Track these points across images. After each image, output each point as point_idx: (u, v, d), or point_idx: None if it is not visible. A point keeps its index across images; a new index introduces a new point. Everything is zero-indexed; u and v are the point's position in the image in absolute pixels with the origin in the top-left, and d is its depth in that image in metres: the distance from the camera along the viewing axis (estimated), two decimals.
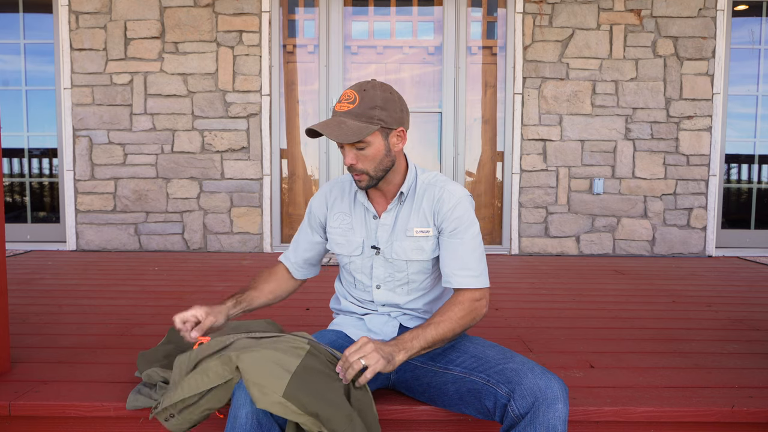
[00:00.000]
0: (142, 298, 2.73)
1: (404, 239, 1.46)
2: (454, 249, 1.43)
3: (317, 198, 1.61)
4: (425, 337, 1.31)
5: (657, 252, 4.21)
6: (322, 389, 1.19)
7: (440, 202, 1.44)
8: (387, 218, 1.48)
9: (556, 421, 1.18)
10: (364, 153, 1.38)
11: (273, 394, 1.16)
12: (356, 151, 1.38)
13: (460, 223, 1.43)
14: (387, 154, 1.41)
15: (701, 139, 4.17)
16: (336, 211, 1.55)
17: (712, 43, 4.11)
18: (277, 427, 1.20)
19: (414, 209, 1.47)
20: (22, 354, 1.88)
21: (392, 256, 1.47)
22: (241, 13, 4.07)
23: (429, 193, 1.46)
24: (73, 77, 4.10)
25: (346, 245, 1.52)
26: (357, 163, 1.39)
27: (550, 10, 4.09)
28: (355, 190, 1.53)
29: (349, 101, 1.36)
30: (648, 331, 2.25)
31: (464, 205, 1.44)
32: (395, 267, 1.48)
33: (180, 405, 1.29)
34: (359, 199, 1.51)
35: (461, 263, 1.42)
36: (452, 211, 1.43)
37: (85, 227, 4.18)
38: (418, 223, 1.46)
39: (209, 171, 4.16)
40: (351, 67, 4.31)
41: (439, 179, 1.49)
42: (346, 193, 1.55)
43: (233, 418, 1.19)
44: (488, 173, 4.36)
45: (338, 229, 1.54)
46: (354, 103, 1.35)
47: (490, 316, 2.44)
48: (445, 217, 1.43)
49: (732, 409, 1.53)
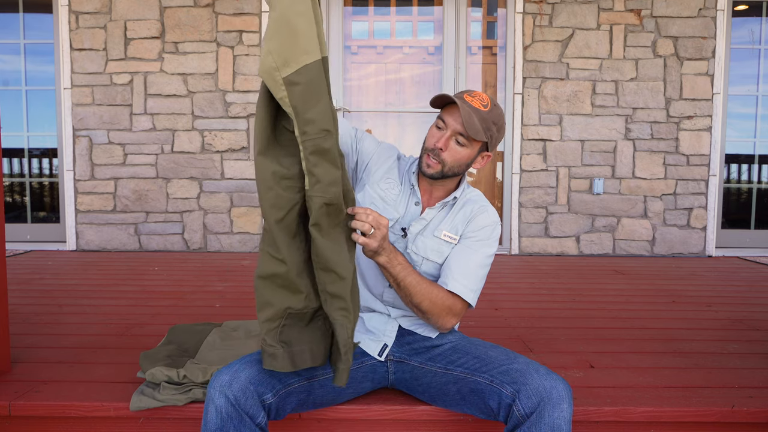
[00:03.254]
0: (142, 298, 2.73)
1: (430, 238, 1.48)
2: (464, 256, 1.45)
3: (386, 146, 1.58)
4: (404, 278, 1.35)
5: (657, 252, 4.21)
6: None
7: (475, 217, 1.49)
8: (429, 214, 1.50)
9: (561, 421, 1.19)
10: (458, 149, 1.42)
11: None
12: (454, 143, 1.42)
13: (482, 237, 1.47)
14: (467, 165, 1.46)
15: (701, 139, 4.17)
16: (387, 175, 1.54)
17: (712, 43, 4.11)
18: (248, 418, 1.21)
19: (450, 216, 1.50)
20: (22, 354, 1.88)
21: (413, 249, 1.48)
22: (241, 13, 4.07)
23: (468, 207, 1.51)
24: (73, 77, 4.10)
25: (382, 212, 1.49)
26: (445, 151, 1.42)
27: (550, 10, 4.09)
28: (413, 171, 1.53)
29: (482, 103, 1.40)
30: (648, 331, 2.25)
31: (493, 228, 1.49)
32: (411, 259, 1.48)
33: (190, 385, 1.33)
34: (411, 180, 1.52)
35: (464, 271, 1.43)
36: (482, 228, 1.48)
37: (85, 227, 4.18)
38: (448, 228, 1.48)
39: (209, 171, 4.16)
40: (351, 66, 4.31)
41: (480, 198, 1.54)
42: (403, 170, 1.56)
43: (204, 413, 1.22)
44: (488, 173, 4.36)
45: (383, 191, 1.52)
46: (486, 107, 1.40)
47: (490, 316, 2.45)
48: (475, 228, 1.47)
49: (732, 409, 1.53)
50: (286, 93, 1.13)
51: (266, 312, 1.22)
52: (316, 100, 1.14)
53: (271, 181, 1.17)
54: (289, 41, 1.12)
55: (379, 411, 1.51)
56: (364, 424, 1.54)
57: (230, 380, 1.22)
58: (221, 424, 1.19)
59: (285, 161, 1.20)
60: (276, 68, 1.12)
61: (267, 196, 1.18)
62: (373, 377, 1.49)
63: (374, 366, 1.49)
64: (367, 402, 1.52)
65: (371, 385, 1.51)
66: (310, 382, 1.34)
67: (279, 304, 1.21)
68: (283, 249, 1.19)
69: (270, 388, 1.25)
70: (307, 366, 1.25)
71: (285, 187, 1.19)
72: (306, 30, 1.12)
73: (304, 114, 1.14)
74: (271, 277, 1.20)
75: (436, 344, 1.47)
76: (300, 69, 1.12)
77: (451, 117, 1.41)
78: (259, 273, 1.21)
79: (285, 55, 1.12)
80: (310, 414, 1.51)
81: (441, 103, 1.44)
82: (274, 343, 1.21)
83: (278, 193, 1.18)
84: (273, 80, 1.13)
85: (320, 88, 1.15)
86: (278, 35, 1.12)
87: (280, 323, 1.23)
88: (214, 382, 1.23)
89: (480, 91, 1.44)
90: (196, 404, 1.51)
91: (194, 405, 1.51)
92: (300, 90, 1.13)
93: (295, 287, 1.22)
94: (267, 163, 1.18)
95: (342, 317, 1.22)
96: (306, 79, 1.13)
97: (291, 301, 1.22)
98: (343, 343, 1.22)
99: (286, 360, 1.22)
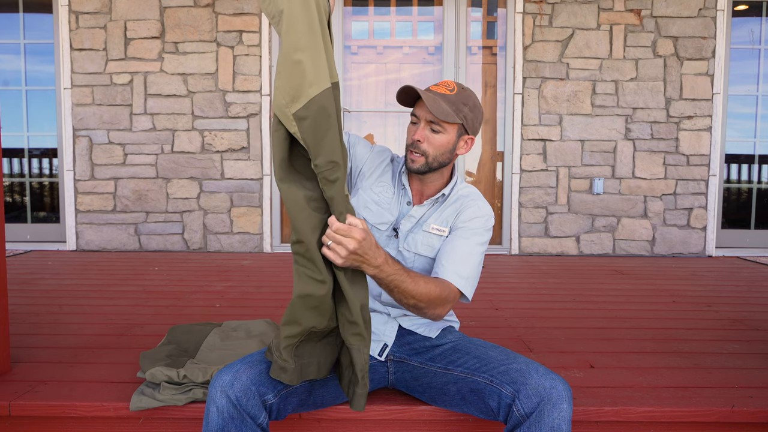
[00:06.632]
0: (142, 298, 2.73)
1: (419, 233, 1.48)
2: (453, 244, 1.43)
3: (378, 149, 1.58)
4: (399, 283, 1.27)
5: (657, 252, 4.21)
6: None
7: (465, 209, 1.48)
8: (418, 211, 1.49)
9: (561, 421, 1.19)
10: (435, 137, 1.42)
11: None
12: (429, 132, 1.42)
13: (472, 227, 1.45)
14: (450, 150, 1.45)
15: (701, 139, 4.17)
16: (380, 178, 1.54)
17: (712, 43, 4.11)
18: (249, 419, 1.21)
19: (439, 211, 1.50)
20: (22, 354, 1.88)
21: (404, 247, 1.48)
22: (241, 13, 4.07)
23: (458, 203, 1.50)
24: (73, 77, 4.10)
25: (377, 215, 1.50)
26: (423, 143, 1.42)
27: (550, 10, 4.09)
28: (401, 170, 1.53)
29: (448, 88, 1.42)
30: (648, 331, 2.25)
31: (486, 222, 1.47)
32: (404, 258, 1.48)
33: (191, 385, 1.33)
34: (402, 180, 1.52)
35: (453, 257, 1.40)
36: (471, 219, 1.46)
37: (85, 227, 4.18)
38: (437, 221, 1.48)
39: (209, 171, 4.16)
40: (351, 66, 4.31)
41: (473, 194, 1.53)
42: (395, 171, 1.56)
43: (206, 413, 1.22)
44: (488, 173, 4.36)
45: (376, 196, 1.52)
46: (452, 91, 1.42)
47: (491, 317, 2.45)
48: (465, 219, 1.47)
49: (732, 409, 1.53)
50: (297, 128, 1.15)
51: (291, 329, 1.21)
52: (325, 130, 1.16)
53: (303, 202, 1.18)
54: (295, 78, 1.13)
55: (379, 411, 1.51)
56: (364, 424, 1.54)
57: (232, 380, 1.22)
58: (223, 424, 1.19)
59: (308, 184, 1.21)
60: (285, 104, 1.15)
61: (301, 216, 1.18)
62: (373, 377, 1.49)
63: (374, 366, 1.49)
64: (368, 402, 1.51)
65: (371, 385, 1.51)
66: (311, 382, 1.34)
67: (306, 324, 1.21)
68: (323, 270, 1.19)
69: (271, 388, 1.25)
70: (311, 378, 1.27)
71: (314, 208, 1.20)
72: (311, 63, 1.13)
73: (314, 147, 1.16)
74: (307, 297, 1.20)
75: (436, 344, 1.47)
76: (307, 103, 1.14)
77: (421, 109, 1.43)
78: (298, 293, 1.20)
79: (292, 91, 1.14)
80: (310, 414, 1.52)
81: (410, 100, 1.46)
82: (288, 358, 1.22)
83: (311, 213, 1.19)
84: (285, 116, 1.15)
85: (328, 117, 1.16)
86: (284, 72, 1.14)
87: (299, 340, 1.23)
88: (215, 382, 1.23)
89: (448, 80, 1.46)
90: (196, 404, 1.51)
91: (194, 405, 1.51)
92: (308, 124, 1.15)
93: (325, 309, 1.22)
94: (293, 188, 1.19)
95: (358, 341, 1.23)
96: (313, 111, 1.14)
97: (317, 322, 1.22)
98: (360, 367, 1.24)
99: (295, 374, 1.23)
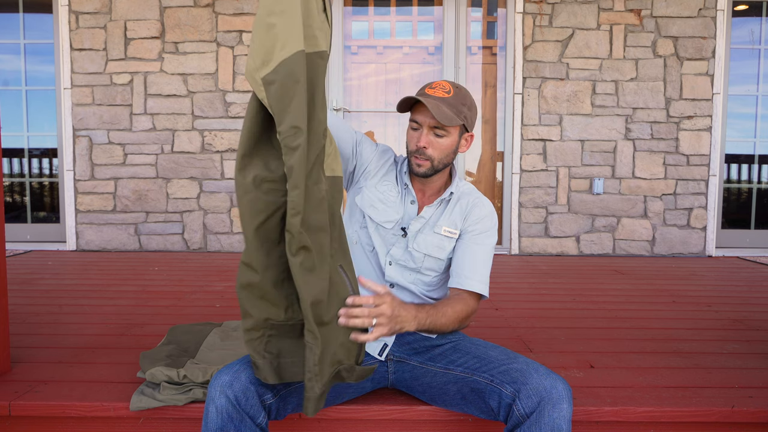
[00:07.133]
0: (142, 298, 2.73)
1: (431, 234, 1.49)
2: (473, 252, 1.47)
3: (383, 148, 1.58)
4: (435, 323, 1.34)
5: (657, 252, 4.21)
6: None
7: (473, 208, 1.51)
8: (427, 212, 1.51)
9: (561, 421, 1.19)
10: (440, 141, 1.44)
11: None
12: (433, 136, 1.43)
13: (482, 229, 1.49)
14: (454, 151, 1.48)
15: (701, 139, 4.17)
16: (385, 178, 1.54)
17: (712, 43, 4.11)
18: (248, 419, 1.21)
19: (447, 211, 1.51)
20: (22, 354, 1.88)
21: (414, 247, 1.48)
22: (241, 13, 4.07)
23: (464, 200, 1.53)
24: (73, 77, 4.10)
25: (382, 213, 1.50)
26: (428, 148, 1.43)
27: (550, 10, 4.09)
28: (404, 171, 1.54)
29: (444, 90, 1.43)
30: (648, 331, 2.25)
31: (493, 218, 1.53)
32: (412, 257, 1.49)
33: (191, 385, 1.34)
34: (404, 180, 1.53)
35: (474, 266, 1.45)
36: (482, 219, 1.50)
37: (85, 227, 4.18)
38: (447, 223, 1.50)
39: (209, 171, 4.16)
40: (351, 66, 4.31)
41: (473, 191, 1.57)
42: (396, 170, 1.57)
43: (205, 413, 1.22)
44: (488, 173, 4.36)
45: (381, 194, 1.52)
46: (449, 93, 1.43)
47: (490, 317, 2.45)
48: (474, 221, 1.49)
49: (732, 409, 1.53)
50: (264, 94, 1.10)
51: (246, 322, 1.18)
52: (291, 96, 1.09)
53: (250, 185, 1.13)
54: (267, 41, 1.09)
55: (379, 411, 1.51)
56: (364, 424, 1.54)
57: (231, 380, 1.22)
58: (222, 424, 1.19)
59: (273, 164, 1.16)
60: (255, 69, 1.11)
61: (243, 200, 1.14)
62: (373, 377, 1.49)
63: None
64: (367, 402, 1.52)
65: (371, 385, 1.52)
66: None
67: (258, 315, 1.17)
68: (254, 257, 1.14)
69: (270, 388, 1.26)
70: (297, 380, 1.21)
71: (266, 190, 1.15)
72: (284, 26, 1.09)
73: (279, 114, 1.10)
74: (247, 287, 1.16)
75: (437, 344, 1.48)
76: (276, 66, 1.09)
77: (422, 114, 1.43)
78: (237, 282, 1.17)
79: (263, 56, 1.10)
80: None
81: (407, 106, 1.45)
82: (255, 354, 1.19)
83: (257, 196, 1.14)
84: (254, 81, 1.11)
85: (296, 83, 1.09)
86: (257, 36, 1.10)
87: (264, 333, 1.19)
88: (214, 382, 1.23)
89: (439, 80, 1.47)
90: (196, 404, 1.51)
91: (194, 405, 1.51)
92: (275, 89, 1.09)
93: (272, 299, 1.17)
94: (249, 168, 1.14)
95: (311, 339, 1.13)
96: (281, 75, 1.08)
97: (270, 313, 1.18)
98: (308, 368, 1.13)
99: (268, 370, 1.19)
